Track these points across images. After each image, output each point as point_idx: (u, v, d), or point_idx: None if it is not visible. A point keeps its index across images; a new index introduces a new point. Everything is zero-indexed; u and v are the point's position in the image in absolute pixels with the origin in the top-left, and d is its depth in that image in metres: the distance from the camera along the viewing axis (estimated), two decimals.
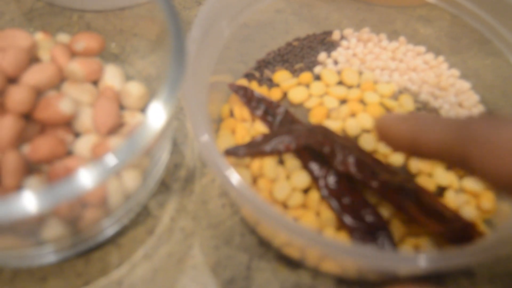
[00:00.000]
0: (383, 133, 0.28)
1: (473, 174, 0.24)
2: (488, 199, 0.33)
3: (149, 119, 0.25)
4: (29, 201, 0.22)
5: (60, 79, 0.33)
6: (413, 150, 0.26)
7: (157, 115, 0.25)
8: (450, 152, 0.24)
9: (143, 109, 0.34)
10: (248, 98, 0.35)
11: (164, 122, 0.25)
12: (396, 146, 0.28)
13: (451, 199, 0.33)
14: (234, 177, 0.26)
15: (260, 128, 0.35)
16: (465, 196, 0.33)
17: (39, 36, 0.36)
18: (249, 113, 0.35)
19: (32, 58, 0.33)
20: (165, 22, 0.29)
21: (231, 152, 0.32)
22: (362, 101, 0.37)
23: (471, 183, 0.33)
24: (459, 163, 0.24)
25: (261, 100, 0.35)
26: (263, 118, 0.35)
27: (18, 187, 0.29)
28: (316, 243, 0.25)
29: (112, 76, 0.34)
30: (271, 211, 0.25)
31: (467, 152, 0.23)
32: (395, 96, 0.38)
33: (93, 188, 0.23)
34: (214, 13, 0.33)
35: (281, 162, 0.33)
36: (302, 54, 0.40)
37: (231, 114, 0.36)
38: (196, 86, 0.30)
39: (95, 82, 0.34)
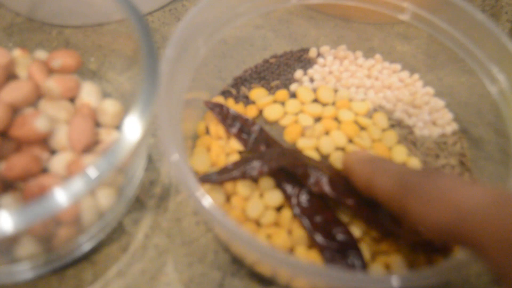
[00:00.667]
0: (347, 171, 0.31)
1: (410, 223, 0.25)
2: None
3: (121, 136, 0.25)
4: (4, 221, 0.22)
5: (37, 96, 0.33)
6: (368, 191, 0.29)
7: (130, 132, 0.26)
8: (393, 200, 0.26)
9: (119, 127, 0.34)
10: (224, 115, 0.36)
11: (137, 139, 0.26)
12: (355, 184, 0.30)
13: None
14: (205, 198, 0.26)
15: (235, 145, 0.35)
16: None
17: (17, 53, 0.36)
18: (224, 131, 0.36)
19: (9, 75, 0.34)
20: (138, 40, 0.29)
21: (205, 179, 0.33)
22: (336, 119, 0.37)
23: None
24: (400, 211, 0.26)
25: (236, 117, 0.36)
26: (238, 136, 0.35)
27: None
28: (286, 264, 0.25)
29: (88, 93, 0.34)
30: (241, 232, 0.25)
31: (404, 200, 0.25)
32: (369, 114, 0.38)
33: (68, 206, 0.23)
34: (191, 30, 0.33)
35: (254, 180, 0.33)
36: (278, 71, 0.40)
37: (207, 131, 0.36)
38: (170, 104, 0.31)
39: (72, 99, 0.35)
